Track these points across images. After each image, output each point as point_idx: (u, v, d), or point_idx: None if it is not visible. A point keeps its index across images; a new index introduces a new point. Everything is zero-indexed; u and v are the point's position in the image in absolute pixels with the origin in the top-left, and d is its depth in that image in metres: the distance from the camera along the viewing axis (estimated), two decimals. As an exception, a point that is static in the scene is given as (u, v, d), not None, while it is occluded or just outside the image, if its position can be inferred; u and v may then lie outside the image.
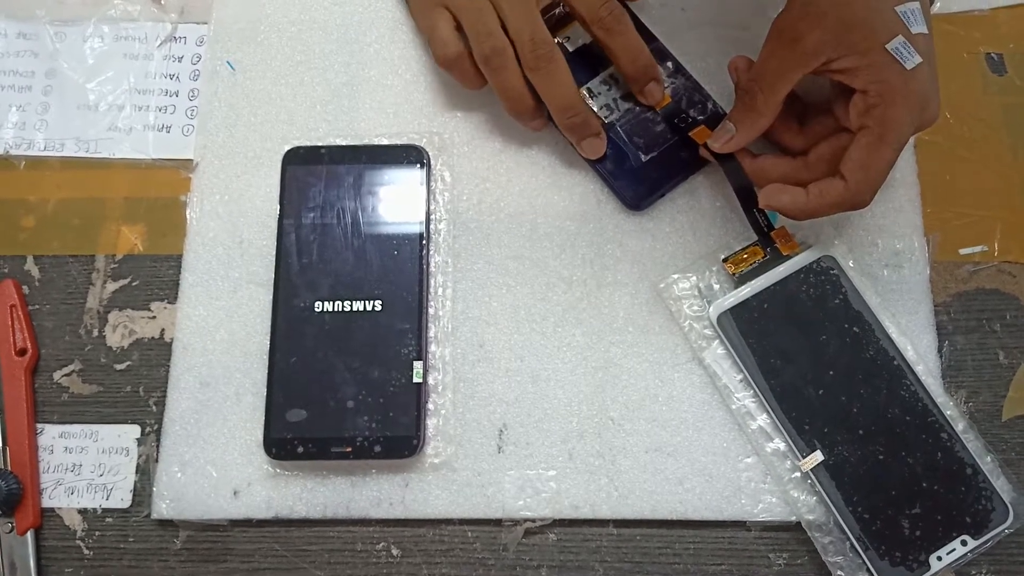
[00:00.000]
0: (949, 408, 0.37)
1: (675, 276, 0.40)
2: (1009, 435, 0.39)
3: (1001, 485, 0.36)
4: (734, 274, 0.39)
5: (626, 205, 0.41)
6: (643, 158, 0.41)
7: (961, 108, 0.43)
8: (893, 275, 0.40)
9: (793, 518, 0.37)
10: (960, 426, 0.37)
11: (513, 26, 0.38)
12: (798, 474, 0.37)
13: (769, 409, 0.37)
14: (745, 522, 0.37)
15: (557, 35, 0.43)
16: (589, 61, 0.42)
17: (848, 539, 0.35)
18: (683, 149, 0.41)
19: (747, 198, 0.39)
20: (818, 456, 0.36)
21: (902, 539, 0.35)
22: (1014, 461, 0.38)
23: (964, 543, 0.35)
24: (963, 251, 0.41)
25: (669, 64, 0.42)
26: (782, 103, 0.37)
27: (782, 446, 0.37)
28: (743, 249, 0.39)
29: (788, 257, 0.39)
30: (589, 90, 0.42)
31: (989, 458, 0.36)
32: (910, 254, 0.41)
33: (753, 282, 0.39)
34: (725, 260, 0.39)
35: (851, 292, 0.38)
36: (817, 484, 0.36)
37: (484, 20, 0.39)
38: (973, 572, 0.37)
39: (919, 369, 0.38)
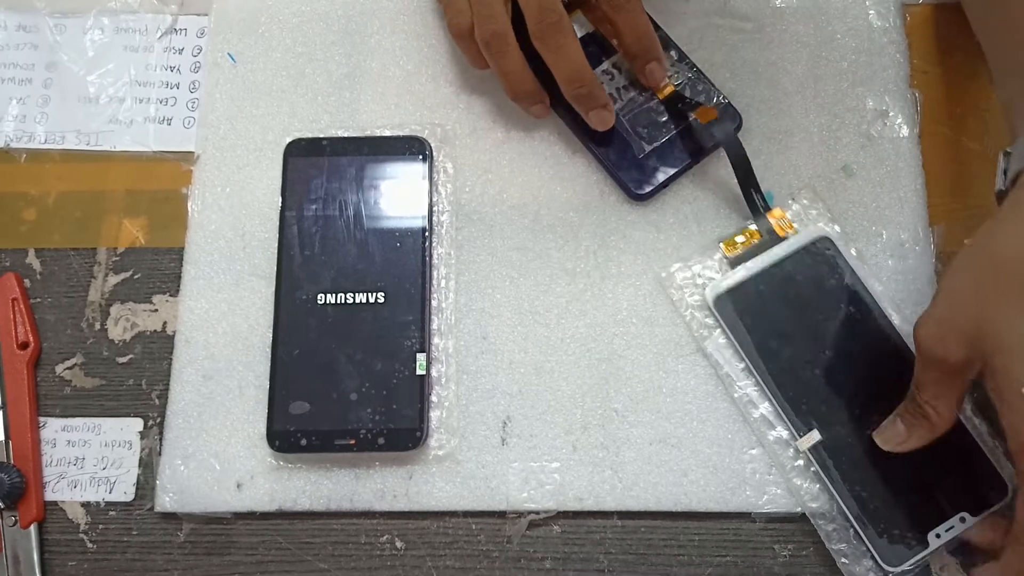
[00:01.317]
0: None
1: (677, 266, 0.40)
2: (1015, 426, 0.38)
3: (1000, 462, 0.36)
4: (729, 256, 0.39)
5: (629, 196, 0.41)
6: (646, 148, 0.41)
7: (966, 98, 0.43)
8: (898, 266, 0.40)
9: (798, 509, 0.37)
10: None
11: None
12: (801, 462, 0.36)
13: (766, 389, 0.37)
14: (750, 513, 0.37)
15: None
16: (592, 50, 0.42)
17: (850, 523, 0.35)
18: (687, 139, 0.41)
19: (745, 176, 0.39)
20: (815, 435, 0.36)
21: (900, 517, 0.35)
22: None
23: (963, 520, 0.35)
24: (968, 242, 0.41)
25: (673, 53, 0.42)
26: (956, 412, 0.33)
27: (784, 434, 0.37)
28: (740, 231, 0.39)
29: (784, 238, 0.39)
30: None
31: (988, 436, 0.36)
32: (915, 244, 0.40)
33: (749, 263, 0.39)
34: (722, 242, 0.39)
35: (847, 272, 0.38)
36: (814, 464, 0.36)
37: (488, 1, 0.38)
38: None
39: None
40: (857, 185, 0.41)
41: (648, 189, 0.40)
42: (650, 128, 0.41)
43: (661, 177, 0.40)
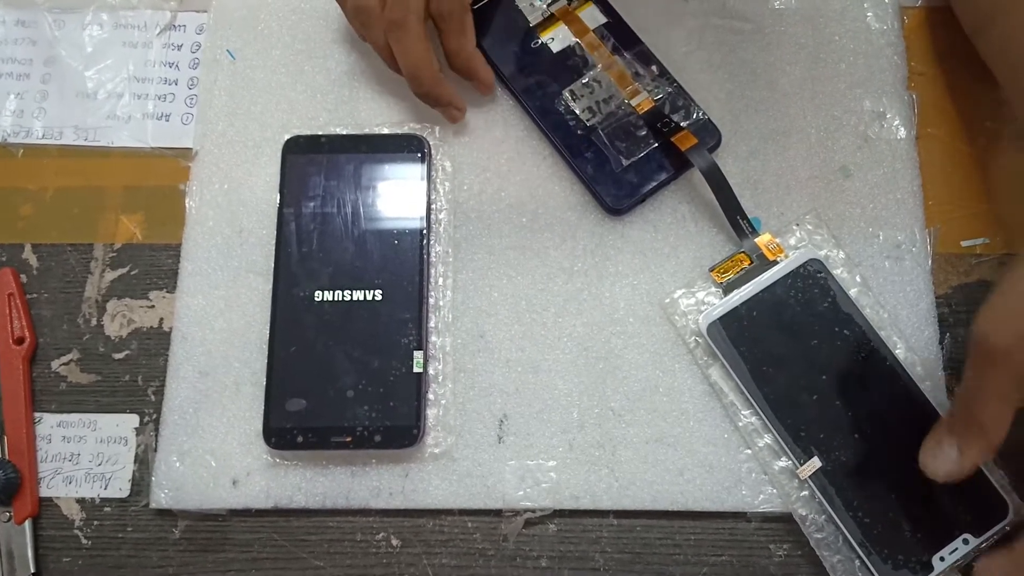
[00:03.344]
0: (945, 406, 0.37)
1: (680, 292, 0.39)
2: (1009, 428, 0.38)
3: (999, 480, 0.36)
4: (721, 283, 0.39)
5: (606, 210, 0.41)
6: (624, 162, 0.40)
7: (963, 100, 0.43)
8: (895, 267, 0.40)
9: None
10: None
11: None
12: (806, 493, 0.36)
13: (764, 417, 0.37)
14: (745, 513, 0.37)
15: (542, 34, 0.42)
16: (573, 62, 0.42)
17: (855, 553, 0.35)
18: (665, 154, 0.41)
19: (728, 204, 0.39)
20: (815, 463, 0.36)
21: (904, 541, 0.35)
22: (1013, 455, 0.38)
23: (966, 542, 0.35)
24: (965, 243, 0.41)
25: (653, 67, 0.42)
26: (1012, 418, 0.31)
27: (788, 464, 0.37)
28: (729, 257, 0.39)
29: (774, 263, 0.39)
30: (572, 92, 0.42)
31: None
32: (912, 246, 0.40)
33: (741, 290, 0.38)
34: (712, 269, 0.39)
35: (840, 294, 0.38)
36: (817, 492, 0.36)
37: None
38: (974, 565, 0.37)
39: (917, 364, 0.38)
40: (854, 186, 0.41)
41: (625, 203, 0.40)
42: (628, 143, 0.41)
43: (638, 191, 0.40)
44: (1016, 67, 0.37)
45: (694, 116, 0.41)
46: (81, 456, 0.39)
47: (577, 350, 0.39)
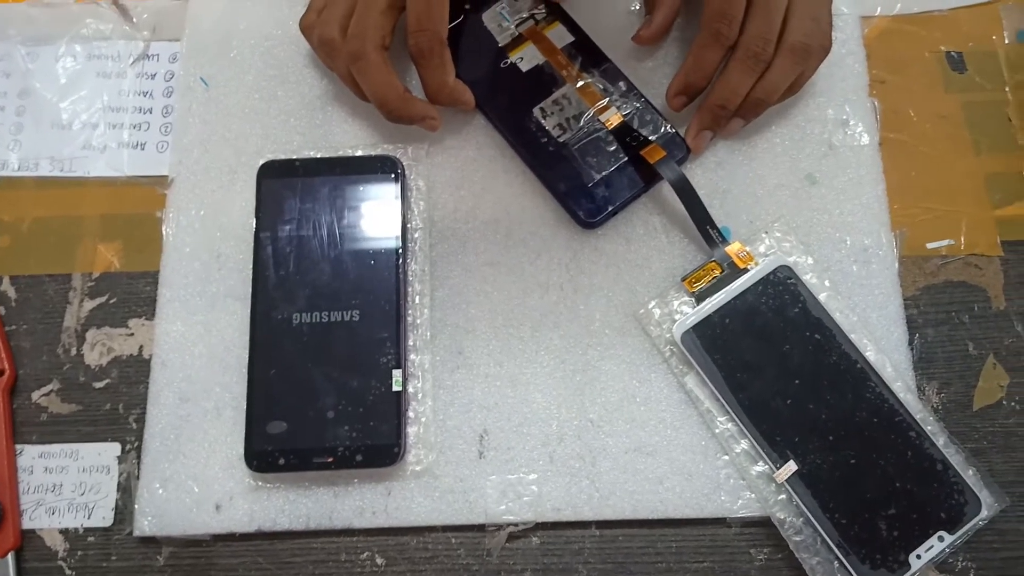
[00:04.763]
0: (915, 406, 0.38)
1: (654, 302, 0.40)
2: (980, 424, 0.39)
3: (971, 477, 0.36)
4: (693, 292, 0.40)
5: (579, 224, 0.41)
6: (595, 177, 0.41)
7: (923, 106, 0.44)
8: (862, 271, 0.41)
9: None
10: (928, 423, 0.37)
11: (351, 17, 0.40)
12: (784, 496, 0.37)
13: (739, 423, 0.37)
14: (725, 519, 0.38)
15: (511, 54, 0.43)
16: (542, 80, 0.43)
17: (834, 555, 0.35)
18: (635, 167, 0.41)
19: (698, 214, 0.40)
20: (792, 466, 0.36)
21: (881, 541, 0.35)
22: (985, 450, 0.39)
23: (941, 539, 0.35)
24: (930, 245, 0.42)
25: (621, 84, 0.43)
26: None
27: (765, 469, 0.37)
28: (701, 267, 0.40)
29: (745, 270, 0.40)
30: (542, 109, 0.42)
31: (956, 451, 0.37)
32: (878, 250, 0.41)
33: (713, 298, 0.39)
34: (684, 279, 0.40)
35: (809, 300, 0.39)
36: (794, 496, 0.36)
37: (332, 5, 0.40)
38: (957, 564, 0.37)
39: (887, 365, 0.38)
40: (820, 193, 0.42)
41: (596, 216, 0.41)
42: (599, 158, 0.41)
43: (610, 205, 0.41)
44: None
45: (662, 130, 0.42)
46: (63, 486, 0.39)
47: (554, 363, 0.40)
